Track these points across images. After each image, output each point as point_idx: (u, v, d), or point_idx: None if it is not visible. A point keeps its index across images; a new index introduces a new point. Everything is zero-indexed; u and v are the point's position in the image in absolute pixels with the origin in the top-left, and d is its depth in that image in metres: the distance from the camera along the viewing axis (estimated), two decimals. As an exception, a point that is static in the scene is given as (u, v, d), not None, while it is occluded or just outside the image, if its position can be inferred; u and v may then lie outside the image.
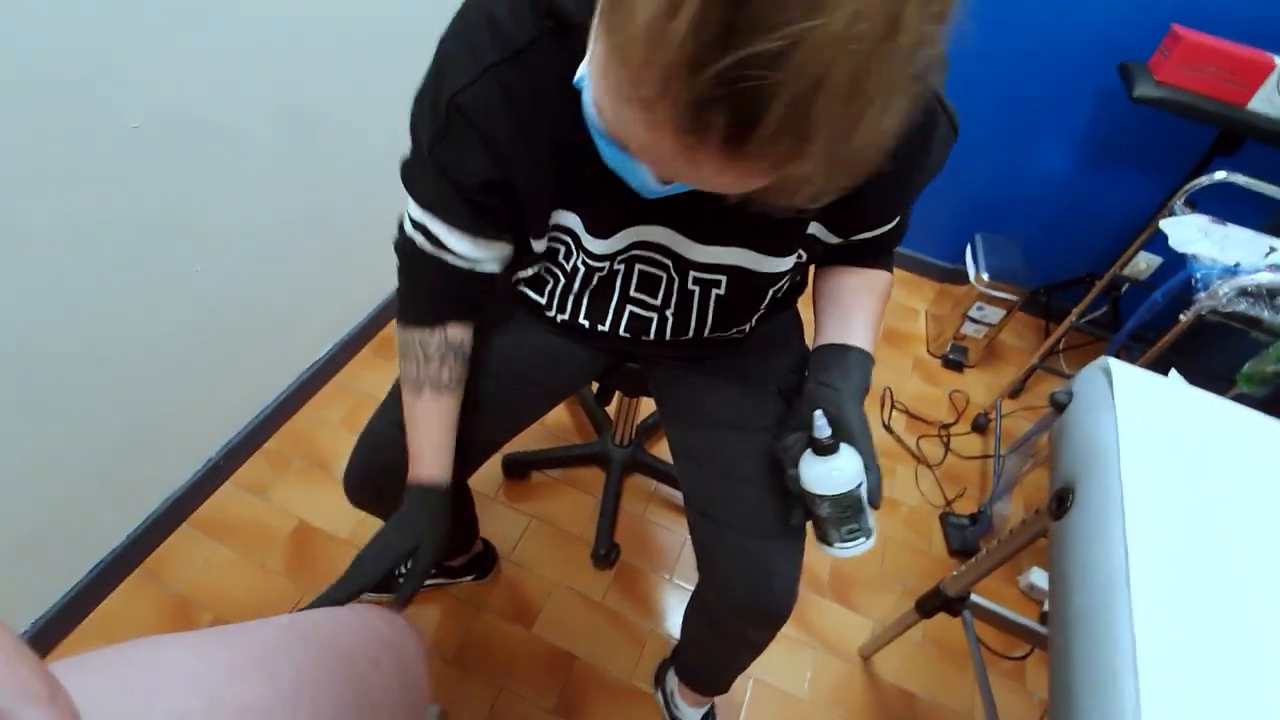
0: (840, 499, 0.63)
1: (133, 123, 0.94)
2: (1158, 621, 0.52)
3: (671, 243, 0.66)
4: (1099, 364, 0.74)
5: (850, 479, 0.62)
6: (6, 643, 0.29)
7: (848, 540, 0.65)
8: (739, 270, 0.67)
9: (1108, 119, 1.70)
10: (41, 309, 0.92)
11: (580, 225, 0.65)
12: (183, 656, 0.44)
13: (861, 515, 0.64)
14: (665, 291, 0.71)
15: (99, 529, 1.17)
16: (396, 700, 0.57)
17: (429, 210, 0.65)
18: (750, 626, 0.79)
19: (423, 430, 0.74)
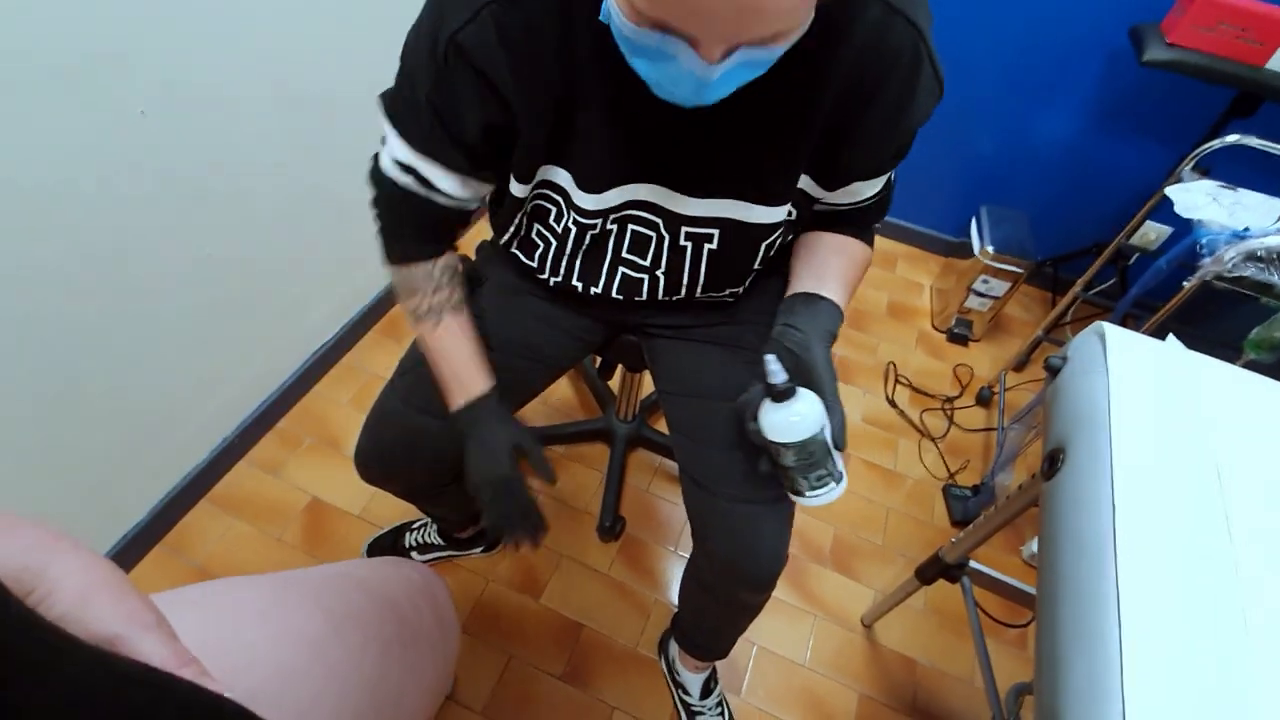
0: (803, 446, 0.61)
1: (140, 108, 0.96)
2: (1143, 578, 0.53)
3: (662, 200, 0.67)
4: (1094, 328, 0.74)
5: (811, 425, 0.61)
6: (113, 577, 0.32)
7: (817, 487, 0.63)
8: (731, 223, 0.68)
9: (1117, 85, 1.67)
10: (56, 294, 0.95)
11: (571, 181, 0.66)
12: (251, 595, 0.49)
13: (829, 460, 0.62)
14: (655, 251, 0.72)
15: (122, 506, 1.21)
16: (435, 637, 0.62)
17: (424, 154, 0.65)
18: (741, 589, 0.82)
19: (455, 353, 0.75)
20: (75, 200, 0.93)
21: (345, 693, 0.45)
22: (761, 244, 0.71)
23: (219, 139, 1.10)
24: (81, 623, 0.31)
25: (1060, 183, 1.86)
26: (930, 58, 0.60)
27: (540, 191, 0.69)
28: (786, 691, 1.21)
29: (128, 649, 0.31)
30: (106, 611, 0.31)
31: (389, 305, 1.73)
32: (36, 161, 0.87)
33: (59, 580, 0.30)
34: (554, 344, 0.88)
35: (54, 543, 0.31)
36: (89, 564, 0.32)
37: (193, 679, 0.31)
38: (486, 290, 0.87)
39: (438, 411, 0.82)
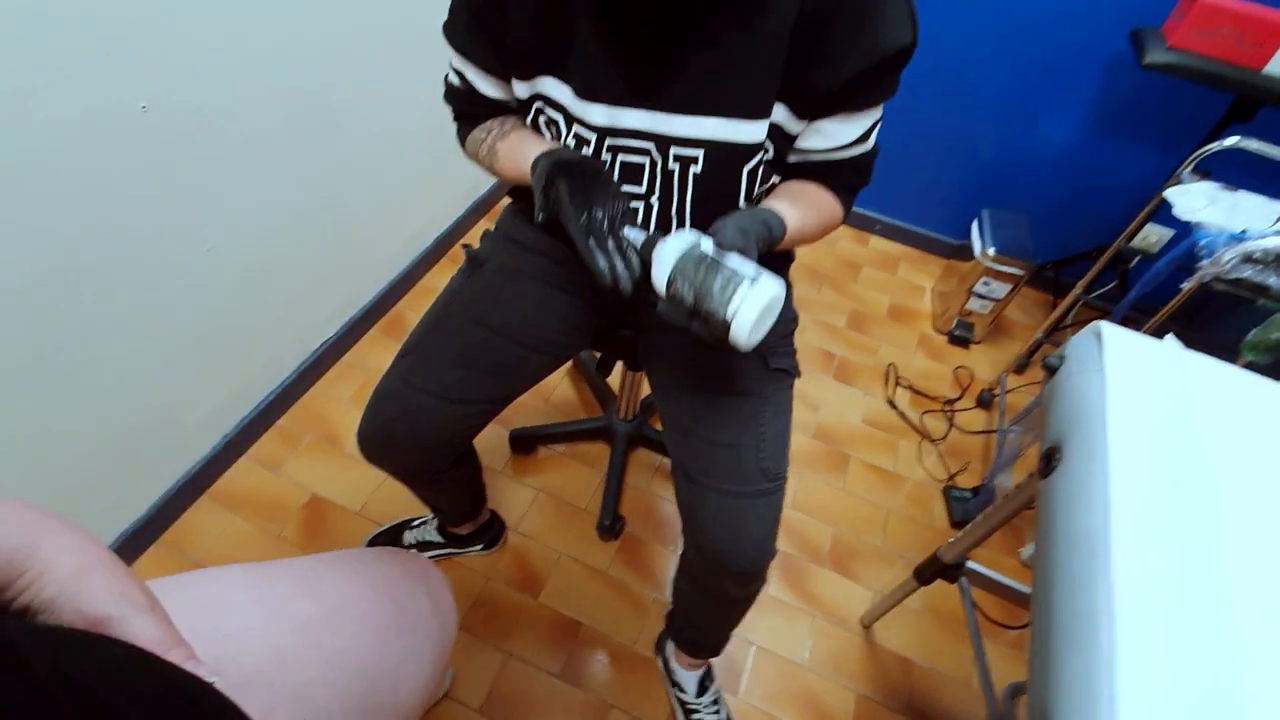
0: (683, 266, 0.55)
1: (141, 103, 0.96)
2: (1136, 577, 0.53)
3: (652, 125, 0.69)
4: (1091, 328, 0.74)
5: (681, 244, 0.56)
6: (106, 558, 0.32)
7: (730, 301, 0.53)
8: (714, 144, 0.69)
9: (1118, 88, 1.67)
10: (56, 289, 0.95)
11: (570, 94, 0.69)
12: (242, 580, 0.49)
13: (721, 267, 0.54)
14: (649, 177, 0.73)
15: (122, 502, 1.21)
16: (431, 625, 0.62)
17: (463, 55, 0.74)
18: (728, 581, 0.82)
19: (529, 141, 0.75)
20: (76, 195, 0.93)
21: (341, 677, 0.46)
22: (743, 169, 0.71)
23: (220, 135, 1.11)
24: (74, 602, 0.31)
25: (1061, 186, 1.86)
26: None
27: (541, 106, 0.73)
28: (784, 691, 1.21)
29: (119, 629, 0.31)
30: (99, 592, 0.31)
31: (391, 303, 1.74)
32: (38, 157, 0.87)
33: (51, 561, 0.31)
34: (550, 331, 0.89)
35: (48, 523, 0.32)
36: (83, 545, 0.32)
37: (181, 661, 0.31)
38: (486, 272, 0.90)
39: (437, 391, 0.84)
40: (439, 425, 0.86)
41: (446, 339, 0.87)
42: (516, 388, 0.91)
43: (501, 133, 0.78)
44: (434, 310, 0.90)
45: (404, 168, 1.62)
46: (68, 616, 0.30)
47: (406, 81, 1.49)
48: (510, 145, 0.76)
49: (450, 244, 1.90)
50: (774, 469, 0.79)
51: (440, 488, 1.05)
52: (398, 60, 1.45)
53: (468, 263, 0.92)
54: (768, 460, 0.79)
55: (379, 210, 1.59)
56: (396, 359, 0.88)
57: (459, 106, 0.81)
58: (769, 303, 0.54)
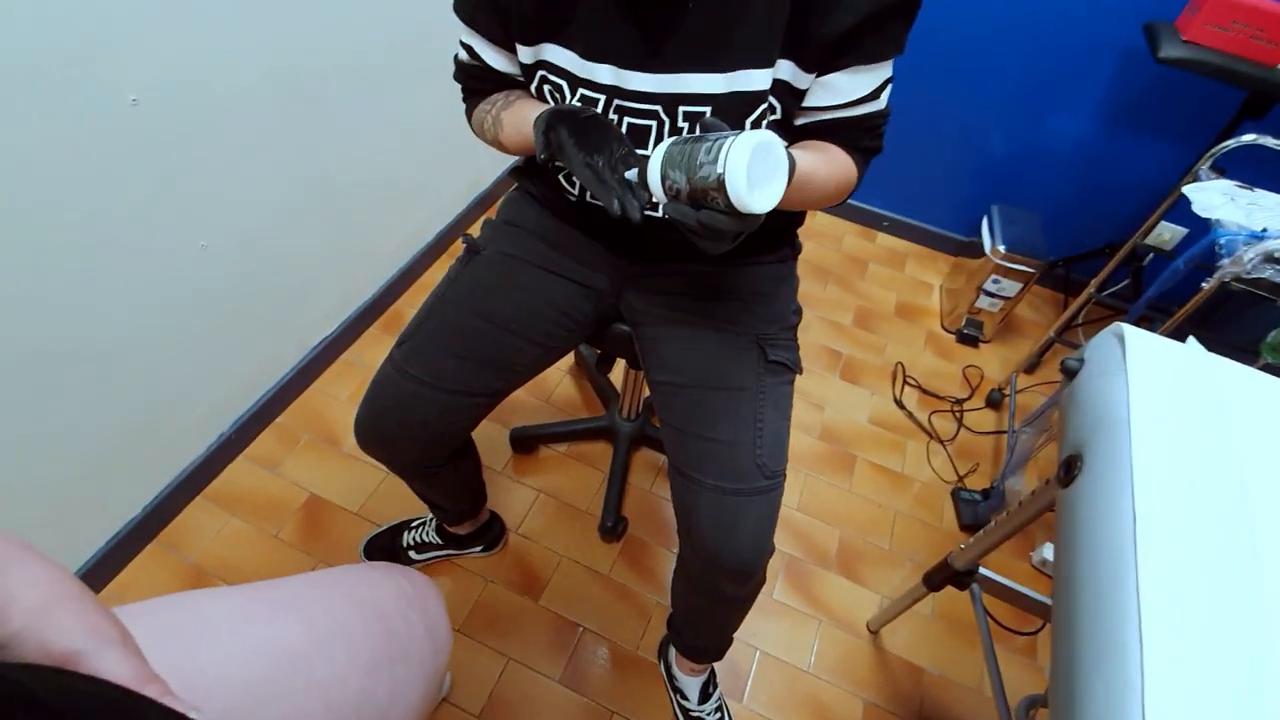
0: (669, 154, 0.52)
1: (131, 96, 0.94)
2: (1165, 591, 0.51)
3: (658, 86, 0.69)
4: (1112, 329, 0.72)
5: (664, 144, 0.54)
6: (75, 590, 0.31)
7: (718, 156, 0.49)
8: (721, 98, 0.68)
9: (1131, 82, 1.64)
10: (49, 284, 0.93)
11: (574, 58, 0.69)
12: (224, 606, 0.47)
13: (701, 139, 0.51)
14: (656, 138, 0.72)
15: (117, 500, 1.19)
16: (425, 651, 0.60)
17: (470, 26, 0.75)
18: (724, 580, 0.80)
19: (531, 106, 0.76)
20: (68, 190, 0.91)
21: (328, 710, 0.43)
22: (746, 122, 0.69)
23: (212, 128, 1.08)
24: (40, 636, 0.29)
25: (1072, 182, 1.83)
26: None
27: (545, 74, 0.73)
28: (790, 698, 1.18)
29: (89, 665, 0.29)
30: (67, 625, 0.30)
31: (389, 300, 1.71)
32: (28, 151, 0.85)
33: (16, 592, 0.29)
34: (547, 321, 0.88)
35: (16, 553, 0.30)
36: (51, 576, 0.30)
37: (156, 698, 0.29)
38: (483, 259, 0.89)
39: (432, 381, 0.83)
40: (434, 415, 0.85)
41: (442, 328, 0.86)
42: (512, 381, 0.90)
43: (506, 103, 0.78)
44: (431, 299, 0.89)
45: (404, 162, 1.59)
46: (32, 652, 0.29)
47: (406, 74, 1.46)
48: (513, 113, 0.77)
49: (451, 239, 1.87)
50: (772, 466, 0.77)
51: (438, 482, 1.03)
52: (397, 53, 1.42)
53: (465, 250, 0.91)
54: (765, 457, 0.77)
55: (378, 205, 1.56)
56: (393, 348, 0.87)
57: (467, 82, 0.82)
58: (759, 143, 0.48)
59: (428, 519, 1.27)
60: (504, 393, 0.90)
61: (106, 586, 1.19)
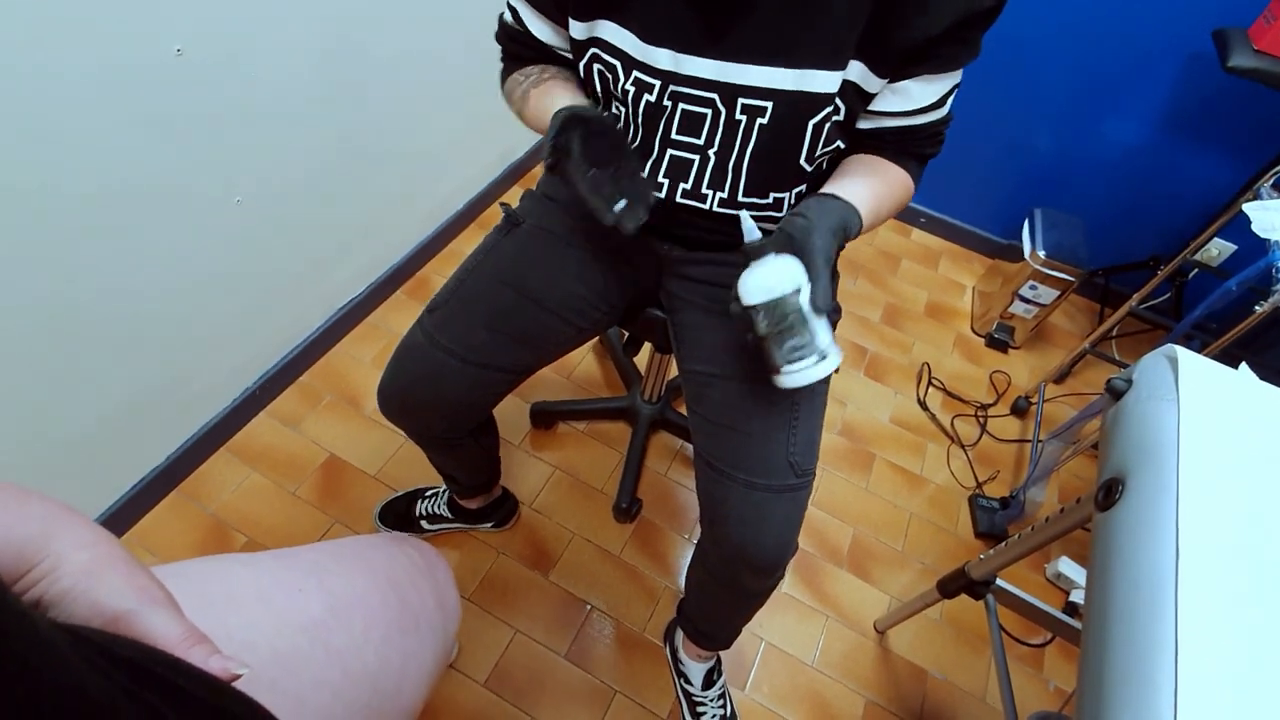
0: (774, 306, 0.57)
1: (176, 46, 0.93)
2: (1204, 628, 0.49)
3: (719, 74, 0.66)
4: (1164, 351, 0.69)
5: (783, 283, 0.57)
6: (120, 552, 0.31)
7: (793, 360, 0.59)
8: (784, 95, 0.66)
9: (1194, 90, 1.57)
10: (86, 230, 0.93)
11: (633, 39, 0.67)
12: (249, 574, 0.48)
13: (805, 329, 0.58)
14: (710, 129, 0.70)
15: (141, 448, 1.21)
16: (435, 621, 0.60)
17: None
18: (746, 572, 0.80)
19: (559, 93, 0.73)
20: (110, 139, 0.91)
21: (345, 679, 0.44)
22: (809, 123, 0.68)
23: (255, 84, 1.07)
24: (89, 597, 0.29)
25: (1121, 189, 1.77)
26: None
27: (598, 53, 0.70)
28: (792, 690, 1.19)
29: (139, 624, 0.29)
30: (118, 586, 0.30)
31: (417, 266, 1.71)
32: (73, 100, 0.84)
33: (65, 554, 0.29)
34: (581, 300, 0.87)
35: (60, 515, 0.30)
36: (97, 538, 0.30)
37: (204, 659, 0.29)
38: (522, 233, 0.88)
39: (460, 353, 0.83)
40: (460, 387, 0.84)
41: (475, 298, 0.85)
42: (540, 358, 0.89)
43: (539, 79, 0.76)
44: (465, 267, 0.88)
45: (438, 130, 1.57)
46: (82, 611, 0.29)
47: (445, 41, 1.44)
48: (541, 93, 0.74)
49: (481, 209, 1.86)
50: (803, 464, 0.76)
51: (457, 455, 1.04)
52: (437, 19, 1.40)
53: (505, 221, 0.90)
54: (798, 455, 0.76)
55: (411, 171, 1.55)
56: (423, 314, 0.86)
57: (508, 45, 0.80)
58: (821, 377, 0.60)
59: (441, 490, 1.28)
60: (532, 369, 0.90)
61: (128, 532, 1.22)
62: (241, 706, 0.31)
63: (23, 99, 0.80)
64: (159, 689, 0.26)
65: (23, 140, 0.82)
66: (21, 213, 0.85)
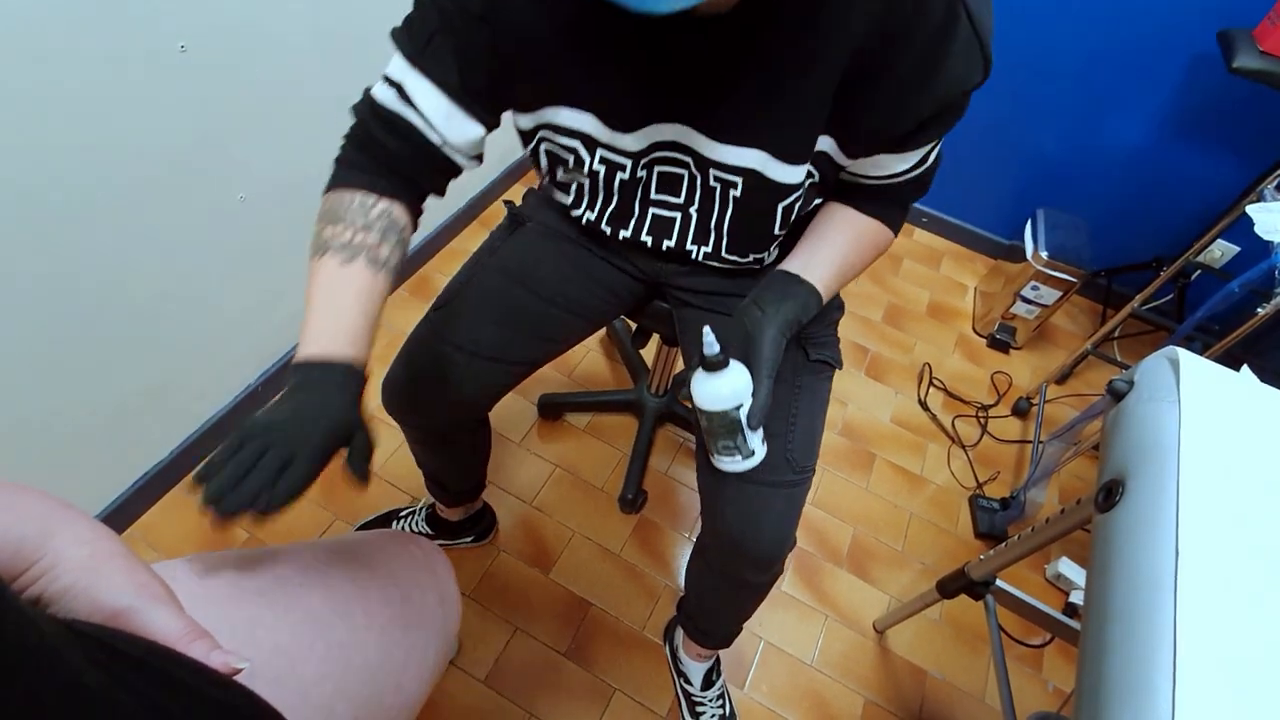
0: (717, 416, 0.64)
1: (180, 43, 0.93)
2: (1203, 631, 0.50)
3: (691, 141, 0.65)
4: (1165, 353, 0.69)
5: (726, 399, 0.63)
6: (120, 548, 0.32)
7: (723, 455, 0.68)
8: (754, 174, 0.65)
9: (1199, 90, 1.57)
10: (90, 232, 0.94)
11: (596, 124, 0.64)
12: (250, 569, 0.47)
13: (738, 435, 0.65)
14: (689, 188, 0.70)
15: (145, 444, 1.21)
16: (436, 616, 0.60)
17: (417, 62, 0.60)
18: (745, 567, 0.80)
19: (353, 303, 0.59)
20: (115, 135, 0.91)
21: (346, 673, 0.44)
22: (779, 205, 0.68)
23: (258, 81, 1.07)
24: (89, 594, 0.29)
25: (1124, 190, 1.77)
26: (971, 20, 0.54)
27: (550, 137, 0.68)
28: (791, 689, 1.19)
29: (139, 621, 0.29)
30: (118, 583, 0.30)
31: (418, 265, 1.71)
32: (77, 97, 0.85)
33: (64, 550, 0.29)
34: (588, 294, 0.87)
35: (60, 512, 0.30)
36: (97, 535, 0.30)
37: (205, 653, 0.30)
38: (528, 231, 0.88)
39: (470, 348, 0.83)
40: (470, 381, 0.84)
41: (483, 295, 0.85)
42: (550, 351, 0.89)
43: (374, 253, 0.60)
44: (471, 265, 0.88)
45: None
46: (82, 608, 0.29)
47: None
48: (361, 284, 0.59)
49: (483, 207, 1.86)
50: (801, 461, 0.76)
51: (451, 454, 1.03)
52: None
53: (509, 219, 0.90)
54: (795, 452, 0.76)
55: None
56: (430, 311, 0.86)
57: (370, 128, 0.63)
58: (745, 469, 0.69)
59: (419, 507, 1.26)
60: (541, 362, 0.90)
61: (131, 527, 1.22)
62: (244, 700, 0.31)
63: (26, 96, 0.80)
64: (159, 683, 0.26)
65: (28, 137, 0.82)
66: (25, 208, 0.86)
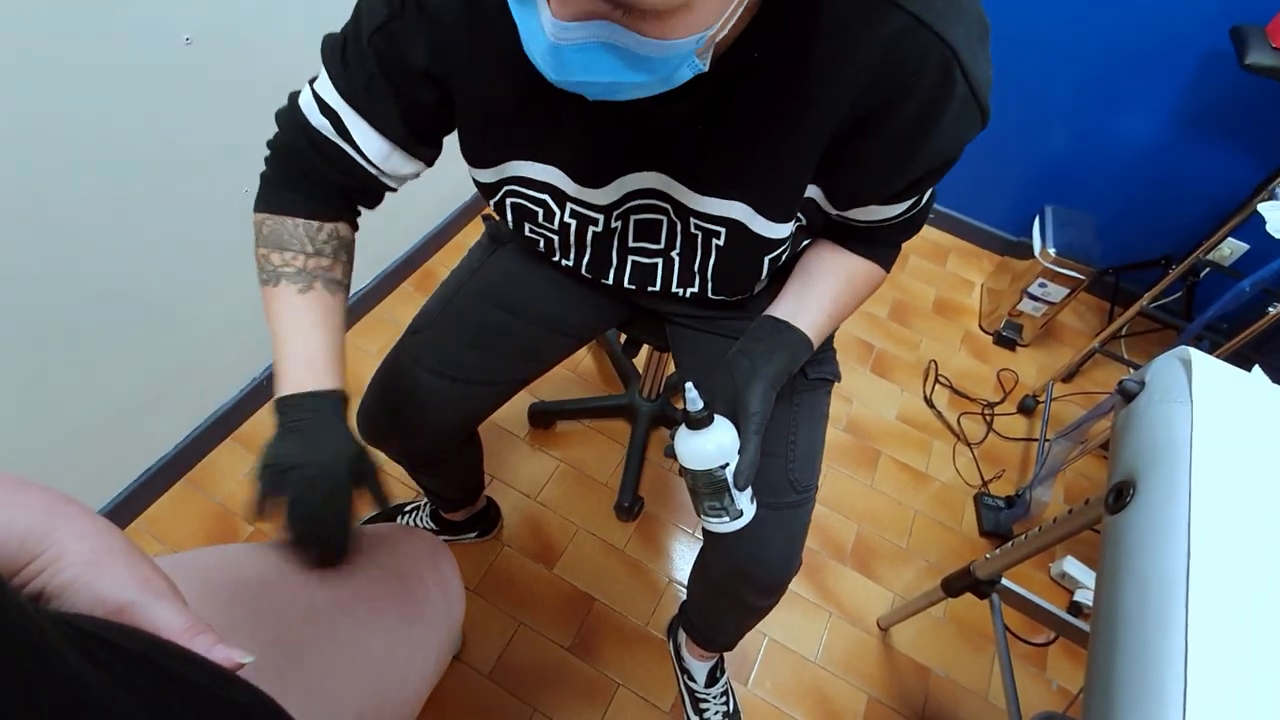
0: (702, 475, 0.61)
1: (185, 35, 0.93)
2: (1215, 635, 0.49)
3: (669, 189, 0.61)
4: (1177, 353, 0.69)
5: (711, 457, 0.60)
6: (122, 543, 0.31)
7: (709, 516, 0.64)
8: (737, 226, 0.62)
9: (1210, 87, 1.55)
10: (98, 226, 0.93)
11: (564, 179, 0.61)
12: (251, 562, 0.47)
13: (725, 495, 0.62)
14: (668, 234, 0.66)
15: (149, 438, 1.22)
16: (440, 610, 0.60)
17: (354, 103, 0.58)
18: (748, 591, 0.78)
19: (317, 330, 0.59)
20: (118, 127, 0.91)
21: (351, 668, 0.44)
22: (764, 257, 0.65)
23: (263, 74, 1.07)
24: (92, 588, 0.29)
25: (1134, 187, 1.75)
26: (967, 79, 0.50)
27: (516, 189, 0.63)
28: (795, 686, 1.19)
29: (143, 615, 0.29)
30: (120, 577, 0.30)
31: (423, 259, 1.71)
32: (82, 89, 0.84)
33: (66, 545, 0.29)
34: (573, 314, 0.84)
35: (62, 507, 0.30)
36: (98, 529, 0.30)
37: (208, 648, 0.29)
38: (508, 251, 0.84)
39: (450, 374, 0.80)
40: (449, 407, 0.81)
41: (462, 319, 0.81)
42: (535, 370, 0.87)
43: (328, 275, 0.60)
44: (449, 287, 0.84)
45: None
46: (84, 603, 0.29)
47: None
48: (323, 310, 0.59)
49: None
50: (803, 480, 0.74)
51: (442, 472, 1.01)
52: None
53: (488, 239, 0.86)
54: (796, 471, 0.74)
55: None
56: (406, 335, 0.82)
57: (296, 144, 0.60)
58: (733, 530, 0.65)
59: (422, 503, 1.25)
60: (527, 381, 0.88)
61: (137, 519, 1.23)
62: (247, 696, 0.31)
63: (31, 89, 0.80)
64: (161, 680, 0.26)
65: (29, 132, 0.82)
66: (29, 202, 0.85)
